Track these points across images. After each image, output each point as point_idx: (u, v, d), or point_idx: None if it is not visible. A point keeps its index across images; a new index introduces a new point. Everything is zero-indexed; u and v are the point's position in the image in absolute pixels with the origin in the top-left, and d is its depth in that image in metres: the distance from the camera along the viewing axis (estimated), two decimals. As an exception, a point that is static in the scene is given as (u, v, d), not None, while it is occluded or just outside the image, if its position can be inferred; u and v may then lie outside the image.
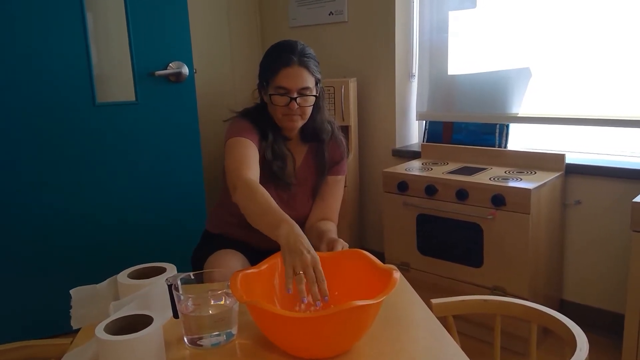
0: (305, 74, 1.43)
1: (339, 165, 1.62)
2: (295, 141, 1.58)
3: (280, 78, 1.43)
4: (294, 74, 1.42)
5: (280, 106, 1.45)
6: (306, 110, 1.48)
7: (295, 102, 1.43)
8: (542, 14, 2.28)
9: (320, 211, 1.59)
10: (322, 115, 1.57)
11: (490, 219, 2.06)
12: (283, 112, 1.45)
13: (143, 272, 1.14)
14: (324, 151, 1.58)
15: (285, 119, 1.47)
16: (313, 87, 1.46)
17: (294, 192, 1.57)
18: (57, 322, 2.03)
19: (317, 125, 1.55)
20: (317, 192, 1.61)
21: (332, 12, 2.89)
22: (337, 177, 1.63)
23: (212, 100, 2.94)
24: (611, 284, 2.18)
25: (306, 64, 1.44)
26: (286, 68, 1.42)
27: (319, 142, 1.58)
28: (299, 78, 1.42)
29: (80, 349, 0.96)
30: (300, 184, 1.58)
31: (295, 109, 1.44)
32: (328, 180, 1.61)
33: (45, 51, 2.11)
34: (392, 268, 1.03)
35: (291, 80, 1.42)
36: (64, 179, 2.22)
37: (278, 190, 1.54)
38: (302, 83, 1.43)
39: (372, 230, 2.97)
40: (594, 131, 2.30)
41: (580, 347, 1.02)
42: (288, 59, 1.42)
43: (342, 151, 1.63)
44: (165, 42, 2.30)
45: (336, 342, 0.94)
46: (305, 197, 1.60)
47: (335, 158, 1.61)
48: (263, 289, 1.07)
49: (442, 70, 2.65)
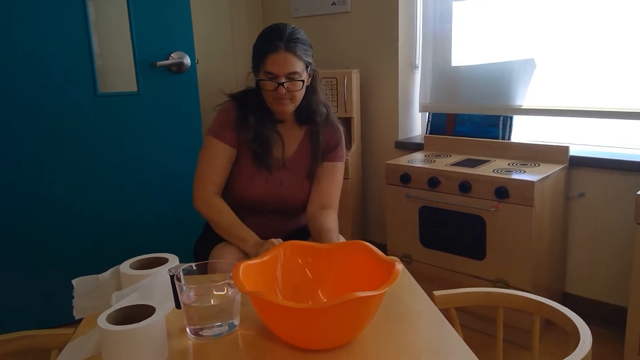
0: (292, 59, 1.45)
1: (336, 151, 1.61)
2: (290, 124, 1.59)
3: (267, 64, 1.45)
4: (280, 60, 1.44)
5: (269, 91, 1.47)
6: (295, 95, 1.49)
7: (283, 87, 1.45)
8: (547, 4, 2.26)
9: (319, 198, 1.57)
10: (317, 97, 1.58)
11: (493, 211, 2.05)
12: (272, 96, 1.48)
13: (145, 262, 1.14)
14: (319, 134, 1.58)
15: (275, 102, 1.49)
16: (302, 71, 1.48)
17: (286, 176, 1.57)
18: (59, 312, 2.04)
19: (311, 106, 1.56)
20: (313, 177, 1.60)
21: (335, 2, 2.87)
22: (335, 163, 1.61)
23: (214, 90, 2.91)
24: (614, 276, 2.17)
25: (293, 49, 1.45)
26: (273, 54, 1.44)
27: (314, 125, 1.58)
28: (285, 64, 1.44)
29: (82, 339, 0.96)
30: (294, 168, 1.58)
31: (283, 94, 1.46)
32: (325, 166, 1.59)
33: (46, 42, 2.10)
34: (394, 260, 1.03)
35: (278, 66, 1.44)
36: (66, 170, 2.22)
37: (262, 172, 1.55)
38: (289, 68, 1.45)
39: (375, 222, 2.97)
40: (598, 123, 2.28)
41: (584, 339, 1.02)
42: (275, 46, 1.44)
43: (338, 137, 1.62)
44: (167, 32, 2.29)
45: (338, 333, 0.94)
46: (299, 181, 1.58)
47: (331, 143, 1.60)
48: (265, 280, 1.07)
49: (446, 62, 2.63)
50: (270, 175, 1.56)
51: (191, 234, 1.74)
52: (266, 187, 1.55)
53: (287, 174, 1.57)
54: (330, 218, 1.52)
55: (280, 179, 1.57)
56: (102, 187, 2.29)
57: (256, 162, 1.54)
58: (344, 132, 1.65)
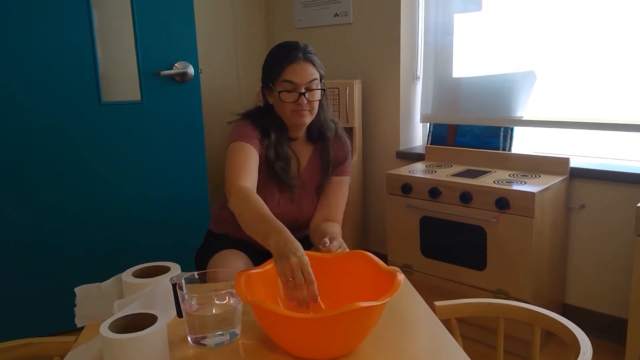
0: (311, 69, 1.47)
1: (344, 166, 1.64)
2: (301, 141, 1.60)
3: (287, 74, 1.45)
4: (301, 69, 1.45)
5: (289, 103, 1.47)
6: (314, 105, 1.50)
7: (304, 97, 1.46)
8: (548, 17, 2.27)
9: (325, 211, 1.60)
10: (326, 114, 1.59)
11: (494, 222, 2.05)
12: (292, 108, 1.48)
13: (147, 271, 1.15)
14: (329, 149, 1.59)
15: (294, 115, 1.49)
16: (319, 81, 1.49)
17: (299, 193, 1.58)
18: (61, 320, 2.04)
19: (321, 123, 1.58)
20: (320, 193, 1.62)
21: (338, 13, 2.90)
22: (342, 178, 1.63)
23: (216, 100, 2.95)
24: (615, 288, 2.17)
25: (311, 59, 1.48)
26: (293, 64, 1.45)
27: (324, 141, 1.60)
28: (306, 72, 1.46)
29: (84, 347, 0.97)
30: (305, 185, 1.59)
31: (304, 104, 1.46)
32: (332, 180, 1.61)
33: (51, 50, 2.12)
34: (396, 270, 1.03)
35: (299, 75, 1.45)
36: (69, 178, 2.23)
37: (282, 191, 1.55)
38: (309, 77, 1.46)
39: (376, 232, 2.97)
40: (598, 135, 2.29)
41: (584, 351, 1.02)
42: (294, 56, 1.46)
43: (346, 152, 1.64)
44: (171, 42, 2.31)
45: (339, 343, 0.94)
46: (310, 197, 1.60)
47: (339, 158, 1.62)
48: (267, 289, 1.08)
49: (447, 73, 2.65)
50: (284, 193, 1.55)
51: (194, 242, 1.74)
52: (280, 205, 1.55)
53: (300, 190, 1.58)
54: (335, 227, 1.53)
55: (300, 195, 1.58)
56: (105, 195, 2.30)
57: (275, 180, 1.52)
58: (350, 146, 1.67)
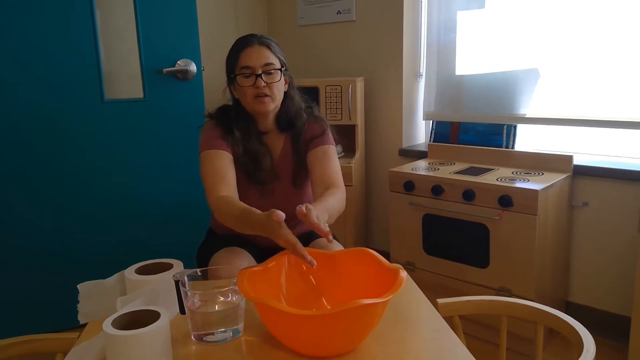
0: (266, 52, 1.49)
1: (323, 136, 1.57)
2: (273, 133, 1.59)
3: (242, 59, 1.48)
4: (255, 52, 1.48)
5: (248, 87, 1.47)
6: (274, 90, 1.49)
7: (260, 78, 1.46)
8: (551, 14, 2.27)
9: (320, 182, 1.49)
10: (295, 104, 1.58)
11: (497, 219, 2.05)
12: (252, 93, 1.48)
13: (150, 268, 1.15)
14: (301, 130, 1.57)
15: (255, 101, 1.49)
16: (277, 65, 1.50)
17: (273, 186, 1.57)
18: (64, 317, 2.05)
19: (290, 113, 1.57)
20: (297, 182, 1.58)
21: (340, 11, 2.89)
22: (325, 147, 1.55)
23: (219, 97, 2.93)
24: (618, 286, 2.16)
25: (267, 43, 1.50)
26: (247, 48, 1.49)
27: (295, 129, 1.58)
28: (260, 55, 1.48)
29: (87, 344, 0.97)
30: (279, 176, 1.58)
31: (262, 87, 1.46)
32: (317, 152, 1.54)
33: (54, 48, 2.12)
34: (398, 267, 1.03)
35: (253, 59, 1.47)
36: (72, 175, 2.23)
37: (255, 187, 1.55)
38: (265, 59, 1.47)
39: (378, 230, 2.97)
40: (602, 133, 2.28)
41: (587, 348, 1.02)
42: (248, 40, 1.50)
43: (321, 125, 1.59)
44: (174, 39, 2.31)
45: (342, 341, 0.94)
46: (285, 188, 1.58)
47: (316, 132, 1.57)
48: (269, 286, 1.08)
49: (450, 70, 2.64)
50: (257, 188, 1.55)
51: (196, 239, 1.74)
52: (262, 199, 1.54)
53: (278, 182, 1.58)
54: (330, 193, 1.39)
55: (273, 188, 1.57)
56: (107, 193, 2.30)
57: (246, 176, 1.53)
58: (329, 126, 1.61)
